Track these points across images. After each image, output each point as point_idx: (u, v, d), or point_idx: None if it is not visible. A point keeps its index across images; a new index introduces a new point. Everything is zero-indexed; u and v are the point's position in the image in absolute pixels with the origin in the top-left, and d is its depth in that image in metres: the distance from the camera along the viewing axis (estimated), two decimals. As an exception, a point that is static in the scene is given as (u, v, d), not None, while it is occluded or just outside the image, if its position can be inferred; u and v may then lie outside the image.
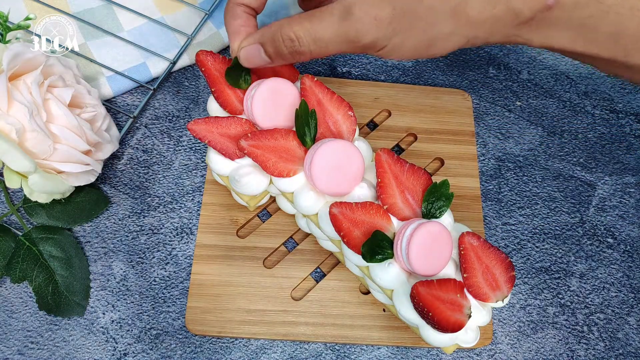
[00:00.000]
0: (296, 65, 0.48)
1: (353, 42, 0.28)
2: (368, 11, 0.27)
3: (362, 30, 0.27)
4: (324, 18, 0.28)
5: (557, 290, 0.42)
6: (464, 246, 0.31)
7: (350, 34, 0.27)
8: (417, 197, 0.33)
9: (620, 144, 0.48)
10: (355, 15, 0.27)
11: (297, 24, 0.28)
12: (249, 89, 0.34)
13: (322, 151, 0.32)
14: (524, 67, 0.51)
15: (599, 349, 0.40)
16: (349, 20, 0.27)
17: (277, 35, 0.29)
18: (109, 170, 0.43)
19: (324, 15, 0.28)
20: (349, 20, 0.27)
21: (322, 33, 0.28)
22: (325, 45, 0.28)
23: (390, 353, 0.39)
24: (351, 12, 0.27)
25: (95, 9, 0.47)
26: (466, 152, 0.45)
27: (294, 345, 0.38)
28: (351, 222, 0.31)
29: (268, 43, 0.30)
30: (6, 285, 0.39)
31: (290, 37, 0.28)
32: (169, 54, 0.46)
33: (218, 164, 0.35)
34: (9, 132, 0.34)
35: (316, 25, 0.28)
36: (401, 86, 0.47)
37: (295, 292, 0.39)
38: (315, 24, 0.28)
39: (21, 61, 0.36)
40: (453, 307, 0.30)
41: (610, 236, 0.44)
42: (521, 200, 0.45)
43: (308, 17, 0.28)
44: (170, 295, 0.39)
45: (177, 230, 0.41)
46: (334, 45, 0.28)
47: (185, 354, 0.38)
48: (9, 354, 0.37)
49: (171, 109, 0.46)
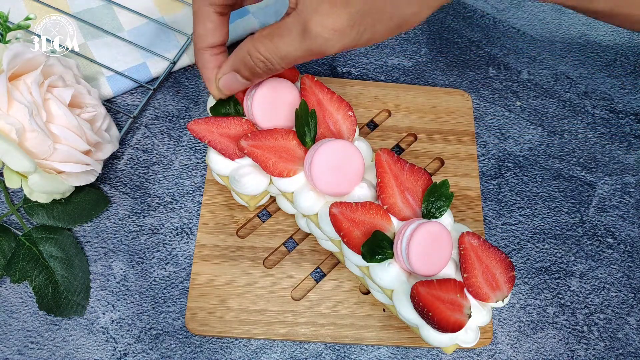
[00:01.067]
0: (296, 65, 0.48)
1: (320, 53, 0.27)
2: (324, 24, 0.25)
3: (324, 45, 0.26)
4: (283, 35, 0.27)
5: (557, 290, 0.42)
6: (464, 246, 0.31)
7: (314, 49, 0.27)
8: (417, 197, 0.33)
9: (620, 144, 0.48)
10: (313, 32, 0.26)
11: (261, 44, 0.28)
12: (249, 89, 0.34)
13: (322, 151, 0.32)
14: (524, 67, 0.51)
15: (599, 349, 0.40)
16: (308, 38, 0.26)
17: (248, 59, 0.29)
18: (109, 170, 0.43)
19: (283, 32, 0.27)
20: (308, 38, 0.26)
21: (286, 51, 0.27)
22: (294, 60, 0.28)
23: (390, 353, 0.39)
24: (308, 29, 0.26)
25: (95, 9, 0.47)
26: (466, 152, 0.45)
27: (294, 345, 0.38)
28: (351, 222, 0.31)
29: (242, 68, 0.30)
30: (6, 285, 0.39)
31: (260, 58, 0.28)
32: (169, 54, 0.46)
33: (218, 164, 0.35)
34: (9, 132, 0.34)
35: (278, 44, 0.27)
36: (401, 86, 0.47)
37: (295, 292, 0.39)
38: (276, 42, 0.27)
39: (21, 61, 0.36)
40: (453, 307, 0.30)
41: (610, 236, 0.44)
42: (521, 200, 0.45)
43: (269, 36, 0.28)
44: (170, 295, 0.39)
45: (177, 230, 0.41)
46: (301, 59, 0.28)
47: (185, 354, 0.38)
48: (9, 354, 0.37)
49: (171, 109, 0.46)
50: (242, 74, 0.30)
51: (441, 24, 0.53)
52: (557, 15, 0.54)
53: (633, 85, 0.51)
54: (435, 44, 0.51)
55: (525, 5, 0.54)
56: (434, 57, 0.51)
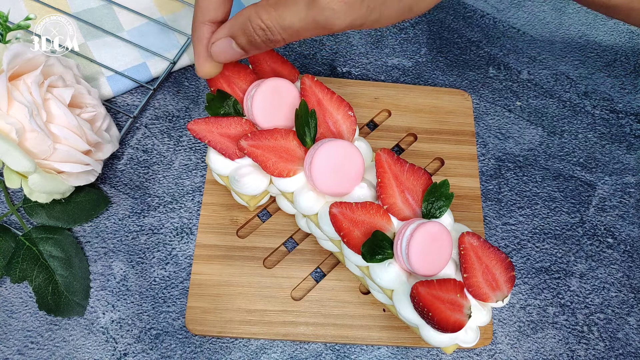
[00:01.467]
0: (296, 65, 0.48)
1: (325, 28, 0.26)
2: None
3: (332, 17, 0.25)
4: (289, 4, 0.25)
5: (557, 290, 0.42)
6: (464, 246, 0.31)
7: (320, 21, 0.25)
8: (417, 197, 0.33)
9: (620, 144, 0.48)
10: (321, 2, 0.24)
11: (265, 12, 0.26)
12: (249, 89, 0.34)
13: (322, 151, 0.32)
14: (524, 67, 0.51)
15: (599, 349, 0.40)
16: (315, 8, 0.25)
17: (247, 25, 0.27)
18: (109, 170, 0.43)
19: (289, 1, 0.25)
20: (315, 8, 0.25)
21: (289, 21, 0.26)
22: (296, 33, 0.26)
23: (390, 353, 0.39)
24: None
25: (95, 9, 0.47)
26: (466, 152, 0.45)
27: (294, 345, 0.38)
28: (351, 222, 0.31)
29: (239, 34, 0.28)
30: (6, 285, 0.39)
31: (260, 26, 0.26)
32: (169, 54, 0.46)
33: (218, 164, 0.35)
34: (9, 132, 0.34)
35: (283, 12, 0.26)
36: (401, 86, 0.47)
37: (295, 292, 0.39)
38: (281, 11, 0.26)
39: (21, 61, 0.36)
40: (453, 307, 0.30)
41: (610, 236, 0.44)
42: (521, 200, 0.45)
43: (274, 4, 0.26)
44: (170, 295, 0.39)
45: (177, 230, 0.41)
46: (305, 32, 0.26)
47: (185, 354, 0.38)
48: (9, 354, 0.37)
49: (171, 109, 0.46)
50: (239, 40, 0.28)
51: (441, 24, 0.53)
52: (557, 15, 0.54)
53: (633, 85, 0.51)
54: (435, 44, 0.51)
55: (525, 5, 0.54)
56: (434, 57, 0.51)
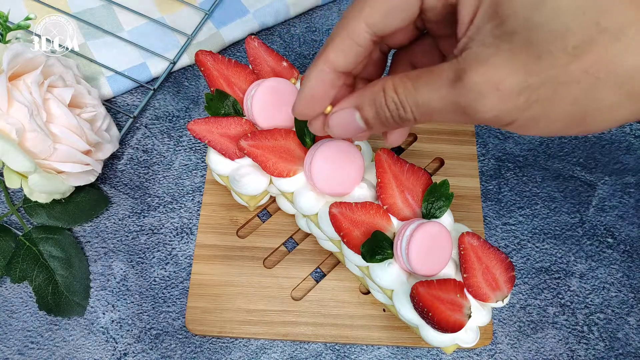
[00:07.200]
0: (296, 65, 0.48)
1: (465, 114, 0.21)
2: (488, 76, 0.19)
3: (475, 101, 0.20)
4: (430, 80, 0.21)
5: (557, 290, 0.42)
6: (464, 246, 0.31)
7: (461, 104, 0.20)
8: (417, 197, 0.33)
9: (620, 144, 0.48)
10: (468, 82, 0.20)
11: (401, 84, 0.22)
12: (249, 89, 0.34)
13: (322, 151, 0.32)
14: (524, 67, 0.51)
15: (599, 349, 0.40)
16: (459, 87, 0.20)
17: (380, 96, 0.23)
18: (109, 170, 0.43)
19: (432, 76, 0.21)
20: (459, 87, 0.20)
21: (427, 98, 0.21)
22: (431, 113, 0.22)
23: (390, 353, 0.39)
24: (462, 77, 0.20)
25: (95, 9, 0.47)
26: (466, 152, 0.45)
27: (294, 345, 0.38)
28: (351, 222, 0.31)
29: (367, 106, 0.24)
30: (6, 285, 0.39)
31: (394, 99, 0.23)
32: (169, 54, 0.46)
33: (218, 164, 0.35)
34: (9, 132, 0.34)
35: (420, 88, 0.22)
36: (401, 86, 0.47)
37: (295, 292, 0.39)
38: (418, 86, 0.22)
39: (21, 61, 0.36)
40: (453, 307, 0.30)
41: (610, 236, 0.44)
42: (521, 200, 0.45)
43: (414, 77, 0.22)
44: (170, 295, 0.39)
45: (177, 230, 0.41)
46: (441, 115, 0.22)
47: (185, 354, 0.38)
48: (9, 354, 0.37)
49: (171, 109, 0.46)
50: (364, 113, 0.24)
51: (441, 24, 0.53)
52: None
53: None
54: (435, 44, 0.51)
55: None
56: (434, 57, 0.50)
